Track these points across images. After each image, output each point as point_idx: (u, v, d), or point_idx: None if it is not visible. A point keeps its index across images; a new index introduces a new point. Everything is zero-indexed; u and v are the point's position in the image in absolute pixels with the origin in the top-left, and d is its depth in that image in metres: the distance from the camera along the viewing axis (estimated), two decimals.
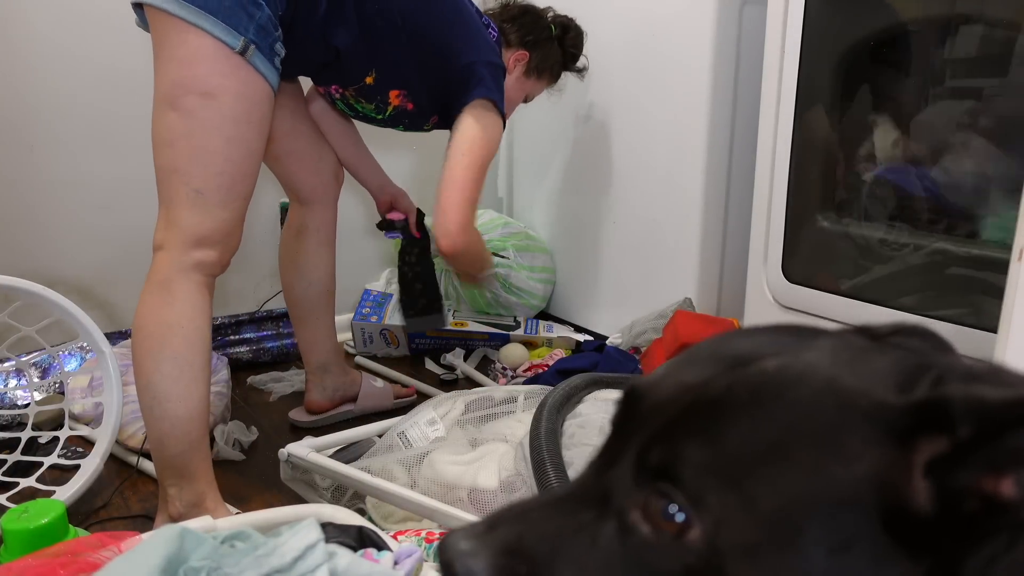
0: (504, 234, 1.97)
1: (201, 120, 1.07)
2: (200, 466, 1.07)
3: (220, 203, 1.08)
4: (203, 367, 1.07)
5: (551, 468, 0.95)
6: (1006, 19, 1.11)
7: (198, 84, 1.06)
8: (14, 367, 1.48)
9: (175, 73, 1.06)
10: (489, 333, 1.79)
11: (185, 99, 1.06)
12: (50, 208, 1.60)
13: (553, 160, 1.95)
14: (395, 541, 0.61)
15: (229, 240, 1.11)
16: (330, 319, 1.50)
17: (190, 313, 1.06)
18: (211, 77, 1.06)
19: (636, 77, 1.67)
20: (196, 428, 1.06)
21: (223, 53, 1.06)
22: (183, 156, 1.07)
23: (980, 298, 1.18)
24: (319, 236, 1.45)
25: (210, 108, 1.07)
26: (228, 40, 1.05)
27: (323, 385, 1.50)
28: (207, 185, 1.07)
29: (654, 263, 1.72)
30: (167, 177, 1.08)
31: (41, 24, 1.52)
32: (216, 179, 1.08)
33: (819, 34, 1.30)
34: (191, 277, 1.07)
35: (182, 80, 1.06)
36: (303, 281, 1.45)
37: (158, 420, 1.05)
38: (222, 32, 1.05)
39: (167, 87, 1.07)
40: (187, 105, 1.06)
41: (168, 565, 0.44)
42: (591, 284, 1.91)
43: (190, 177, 1.07)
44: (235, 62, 1.07)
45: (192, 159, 1.07)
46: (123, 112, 1.63)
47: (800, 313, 1.41)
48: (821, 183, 1.38)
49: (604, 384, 1.31)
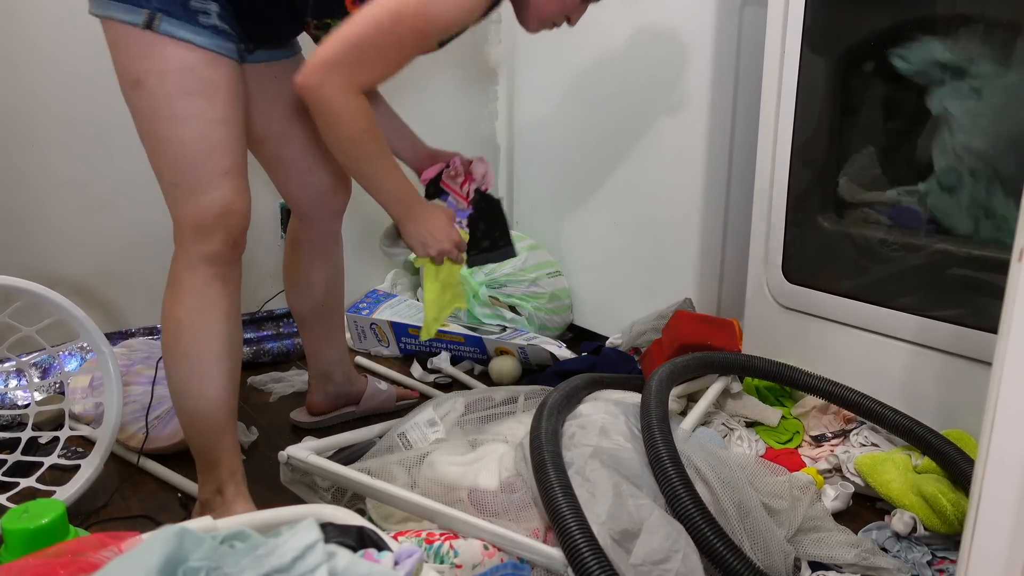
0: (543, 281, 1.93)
1: (141, 110, 1.04)
2: (221, 456, 1.09)
3: (194, 188, 1.04)
4: (216, 362, 1.06)
5: (551, 469, 0.95)
6: (1006, 19, 1.11)
7: (124, 76, 1.04)
8: (14, 367, 1.48)
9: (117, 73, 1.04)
10: (465, 336, 1.77)
11: (126, 96, 1.04)
12: (50, 208, 1.60)
13: (553, 160, 1.95)
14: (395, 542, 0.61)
15: (225, 221, 1.05)
16: (331, 330, 1.46)
17: (198, 308, 1.05)
18: (129, 64, 1.02)
19: (636, 77, 1.67)
20: (213, 421, 1.07)
21: (132, 35, 1.01)
22: (149, 152, 1.05)
23: (980, 298, 1.18)
24: (311, 249, 1.37)
25: (142, 96, 1.02)
26: (130, 19, 1.00)
27: (325, 391, 1.49)
28: (174, 175, 1.04)
29: (654, 263, 1.72)
30: (158, 175, 1.07)
31: (42, 24, 1.52)
32: (178, 165, 1.03)
33: (819, 34, 1.30)
34: (197, 272, 1.06)
35: (119, 79, 1.04)
36: (299, 292, 1.41)
37: (180, 413, 1.08)
38: (122, 12, 1.00)
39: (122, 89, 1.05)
40: (129, 101, 1.04)
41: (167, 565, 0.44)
42: (591, 284, 1.91)
43: (160, 172, 1.05)
44: (146, 39, 1.01)
45: (154, 153, 1.05)
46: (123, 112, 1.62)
47: (800, 313, 1.41)
48: (821, 183, 1.38)
49: (604, 385, 1.31)
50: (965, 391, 1.20)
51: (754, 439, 1.32)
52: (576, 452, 1.02)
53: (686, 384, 1.38)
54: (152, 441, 1.32)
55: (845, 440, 1.29)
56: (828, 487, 1.19)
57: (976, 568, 0.60)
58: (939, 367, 1.22)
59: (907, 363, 1.27)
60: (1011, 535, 0.57)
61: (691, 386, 1.39)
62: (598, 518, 0.90)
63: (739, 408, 1.38)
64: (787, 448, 1.31)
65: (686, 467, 0.99)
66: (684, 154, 1.60)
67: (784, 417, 1.36)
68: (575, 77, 1.82)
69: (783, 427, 1.35)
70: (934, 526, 1.04)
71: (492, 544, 0.90)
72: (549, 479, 0.93)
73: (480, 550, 0.89)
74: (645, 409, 1.10)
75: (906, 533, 1.05)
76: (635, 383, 1.36)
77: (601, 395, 1.26)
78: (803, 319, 1.41)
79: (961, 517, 1.02)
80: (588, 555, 0.83)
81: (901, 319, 1.26)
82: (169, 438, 1.33)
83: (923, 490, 1.06)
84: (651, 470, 1.00)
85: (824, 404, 1.33)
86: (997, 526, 0.58)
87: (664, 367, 1.24)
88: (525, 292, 1.90)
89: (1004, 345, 0.57)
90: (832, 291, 1.36)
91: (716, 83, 1.53)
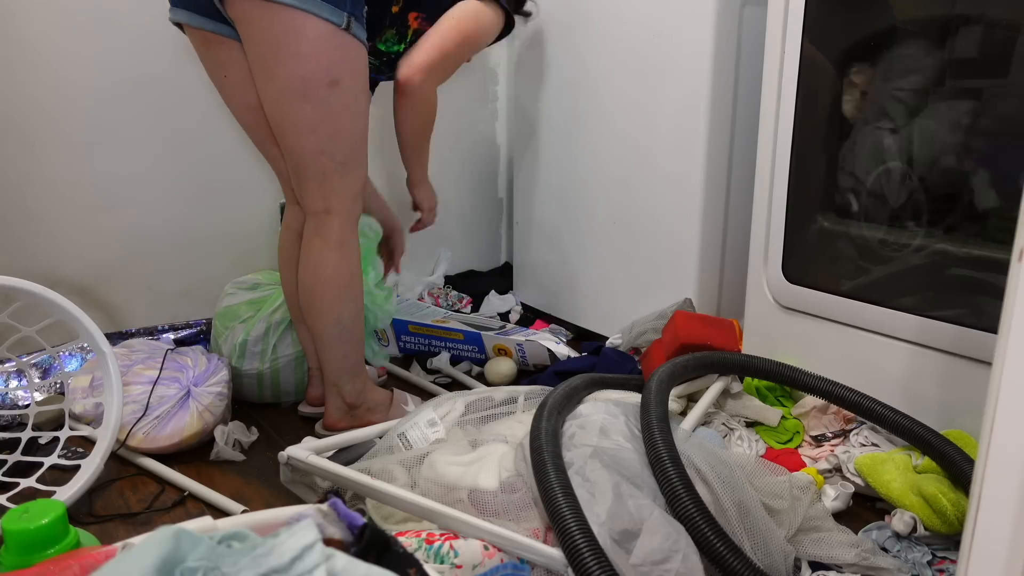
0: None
1: (333, 107, 1.23)
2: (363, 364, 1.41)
3: (359, 164, 1.31)
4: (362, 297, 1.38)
5: (551, 469, 0.95)
6: (1006, 19, 1.11)
7: (323, 76, 1.20)
8: (15, 367, 1.48)
9: (302, 68, 1.19)
10: (464, 332, 1.77)
11: (316, 91, 1.20)
12: (50, 208, 1.60)
13: (553, 160, 1.95)
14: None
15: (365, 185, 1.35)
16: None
17: (358, 259, 1.34)
18: (332, 67, 1.20)
19: (636, 77, 1.67)
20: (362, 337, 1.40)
21: (335, 35, 1.18)
22: (325, 139, 1.24)
23: (980, 298, 1.18)
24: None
25: (337, 95, 1.22)
26: (335, 20, 1.17)
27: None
28: (348, 157, 1.28)
29: (654, 263, 1.72)
30: (314, 157, 1.26)
31: (42, 23, 1.52)
32: (353, 149, 1.28)
33: (819, 34, 1.30)
34: (354, 229, 1.33)
35: (309, 74, 1.19)
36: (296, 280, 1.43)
37: (344, 343, 1.35)
38: (327, 11, 1.16)
39: (295, 82, 1.20)
40: (318, 96, 1.21)
41: (164, 565, 0.44)
42: (591, 284, 1.91)
43: (334, 154, 1.26)
44: (344, 41, 1.19)
45: (333, 140, 1.25)
46: (124, 112, 1.63)
47: (800, 313, 1.41)
48: (821, 183, 1.38)
49: (605, 385, 1.31)
50: (965, 391, 1.20)
51: (754, 439, 1.32)
52: (576, 452, 1.02)
53: (686, 384, 1.38)
54: (152, 441, 1.32)
55: (845, 440, 1.29)
56: (828, 487, 1.19)
57: (976, 568, 0.60)
58: (939, 367, 1.22)
59: (907, 363, 1.27)
60: (1011, 535, 0.57)
61: (691, 386, 1.38)
62: (598, 518, 0.90)
63: (739, 408, 1.38)
64: (787, 448, 1.31)
65: (686, 467, 0.99)
66: (684, 153, 1.60)
67: (784, 417, 1.36)
68: (575, 77, 1.82)
69: (783, 427, 1.35)
70: (934, 526, 1.04)
71: (492, 544, 0.90)
72: (549, 479, 0.93)
73: (480, 550, 0.89)
74: (645, 409, 1.10)
75: (906, 533, 1.05)
76: (635, 383, 1.36)
77: (601, 395, 1.26)
78: (803, 319, 1.41)
79: (961, 517, 1.02)
80: (588, 555, 0.83)
81: (901, 319, 1.26)
82: (169, 438, 1.33)
83: (923, 490, 1.06)
84: (651, 470, 1.00)
85: (824, 404, 1.33)
86: (997, 526, 0.58)
87: (664, 367, 1.24)
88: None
89: (1004, 345, 0.57)
90: (832, 291, 1.36)
91: (716, 83, 1.53)
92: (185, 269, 1.78)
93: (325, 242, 1.30)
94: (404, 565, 0.56)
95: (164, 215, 1.73)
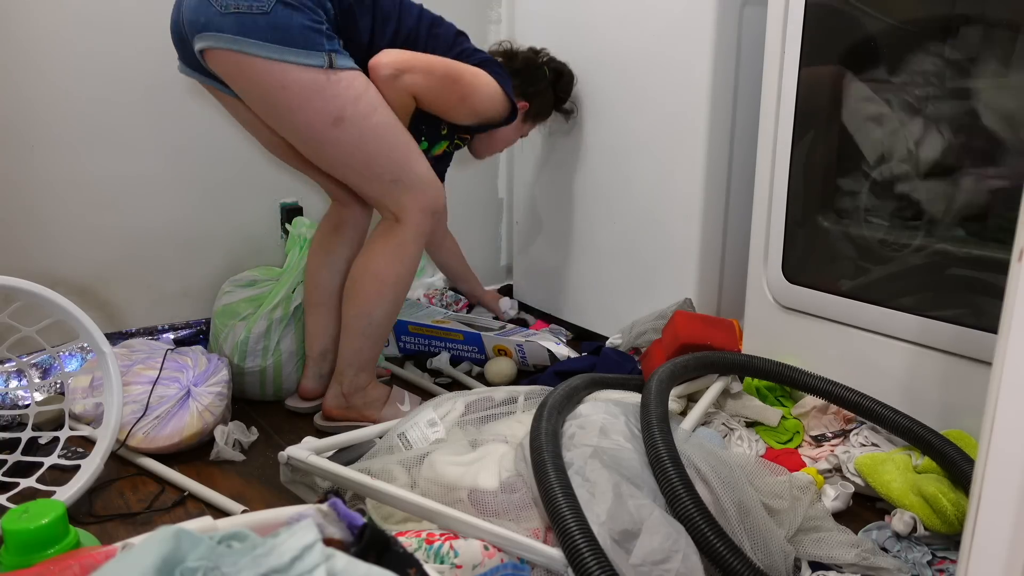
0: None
1: (351, 140, 1.25)
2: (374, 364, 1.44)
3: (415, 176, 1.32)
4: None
5: (551, 469, 0.95)
6: (1006, 19, 1.11)
7: (325, 119, 1.21)
8: (15, 368, 1.48)
9: (301, 118, 1.22)
10: (464, 333, 1.77)
11: (325, 135, 1.23)
12: (50, 208, 1.60)
13: (553, 160, 1.95)
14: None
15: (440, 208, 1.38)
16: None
17: (411, 268, 1.38)
18: (329, 108, 1.20)
19: (636, 77, 1.67)
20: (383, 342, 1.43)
21: (320, 78, 1.18)
22: (362, 166, 1.29)
23: (980, 298, 1.18)
24: (355, 233, 1.54)
25: (346, 129, 1.23)
26: (316, 63, 1.17)
27: (320, 372, 1.53)
28: (397, 174, 1.31)
29: (654, 263, 1.72)
30: (366, 183, 1.33)
31: (42, 23, 1.52)
32: (398, 165, 1.30)
33: (820, 34, 1.30)
34: (420, 243, 1.37)
35: (311, 122, 1.22)
36: (330, 268, 1.52)
37: (365, 338, 1.39)
38: (307, 58, 1.16)
39: (303, 130, 1.24)
40: (330, 138, 1.24)
41: (164, 565, 0.44)
42: (591, 284, 1.91)
43: (381, 175, 1.31)
44: (331, 79, 1.19)
45: (369, 166, 1.29)
46: (124, 112, 1.63)
47: (800, 313, 1.41)
48: (821, 183, 1.38)
49: (605, 385, 1.31)
50: (965, 391, 1.20)
51: (754, 439, 1.32)
52: (576, 452, 1.02)
53: (686, 384, 1.38)
54: (152, 441, 1.32)
55: (845, 440, 1.29)
56: (828, 487, 1.19)
57: (976, 568, 0.60)
58: (939, 367, 1.22)
59: (907, 363, 1.27)
60: (1011, 535, 0.57)
61: (691, 386, 1.38)
62: (598, 518, 0.90)
63: (739, 408, 1.38)
64: (787, 448, 1.31)
65: (686, 467, 0.99)
66: (684, 154, 1.60)
67: (784, 417, 1.36)
68: (575, 77, 1.82)
69: (783, 427, 1.35)
70: (934, 526, 1.04)
71: (492, 544, 0.90)
72: (549, 479, 0.93)
73: (480, 550, 0.89)
74: (645, 409, 1.10)
75: (906, 533, 1.05)
76: (635, 383, 1.36)
77: (601, 395, 1.26)
78: (803, 319, 1.41)
79: (961, 517, 1.02)
80: (588, 555, 0.83)
81: (901, 319, 1.26)
82: (169, 438, 1.33)
83: (923, 490, 1.06)
84: (651, 470, 1.00)
85: (824, 404, 1.33)
86: (997, 526, 0.58)
87: (664, 367, 1.24)
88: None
89: (1004, 345, 0.57)
90: (832, 291, 1.36)
91: (716, 83, 1.53)
92: (185, 269, 1.78)
93: (387, 243, 1.36)
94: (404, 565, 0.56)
95: (164, 215, 1.73)
